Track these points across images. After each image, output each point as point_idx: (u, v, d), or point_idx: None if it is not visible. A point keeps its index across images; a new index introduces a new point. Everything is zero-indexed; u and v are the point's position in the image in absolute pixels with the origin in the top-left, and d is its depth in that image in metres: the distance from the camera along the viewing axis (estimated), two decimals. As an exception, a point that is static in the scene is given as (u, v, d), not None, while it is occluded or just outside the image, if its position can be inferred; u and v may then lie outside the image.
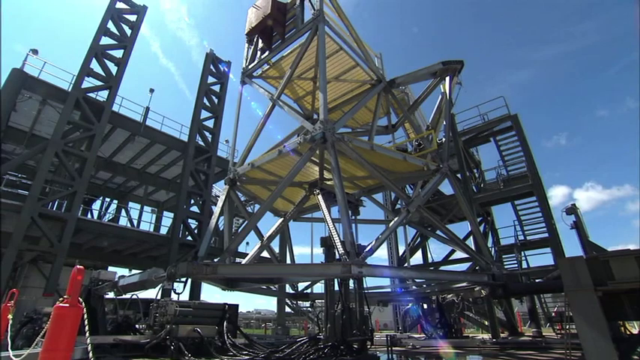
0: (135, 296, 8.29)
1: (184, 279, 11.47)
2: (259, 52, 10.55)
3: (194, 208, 17.34)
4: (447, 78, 10.06)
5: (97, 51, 14.53)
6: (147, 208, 22.00)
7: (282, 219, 10.41)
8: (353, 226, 8.16)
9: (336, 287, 7.10)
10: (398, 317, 20.04)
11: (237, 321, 7.75)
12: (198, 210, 17.17)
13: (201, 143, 17.72)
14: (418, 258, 16.54)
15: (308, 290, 11.40)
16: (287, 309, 21.85)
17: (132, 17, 16.37)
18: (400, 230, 15.86)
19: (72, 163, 13.32)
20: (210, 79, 19.17)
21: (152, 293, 15.76)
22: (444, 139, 9.91)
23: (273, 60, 10.33)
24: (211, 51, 19.52)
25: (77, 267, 3.70)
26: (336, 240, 6.77)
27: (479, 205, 13.38)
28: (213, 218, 8.79)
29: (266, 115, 9.33)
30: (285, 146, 8.14)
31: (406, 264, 15.18)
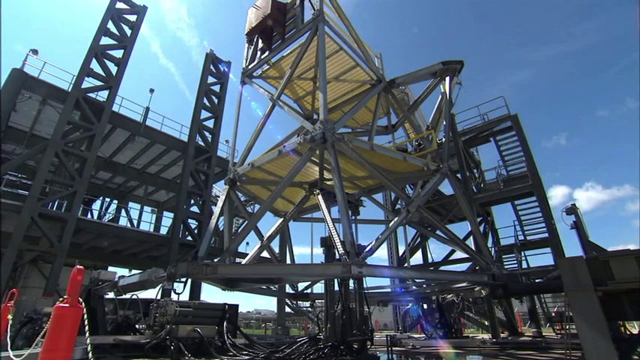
0: (135, 296, 8.29)
1: (184, 279, 11.48)
2: (259, 52, 10.55)
3: (194, 208, 17.35)
4: (447, 78, 10.06)
5: (97, 51, 14.54)
6: (147, 208, 22.02)
7: (282, 219, 10.41)
8: (353, 226, 8.16)
9: (336, 287, 7.10)
10: (398, 317, 20.04)
11: (237, 321, 7.76)
12: (198, 210, 17.17)
13: (201, 143, 17.72)
14: (418, 258, 16.59)
15: (308, 290, 11.41)
16: (287, 309, 21.84)
17: (132, 17, 16.38)
18: (400, 230, 15.88)
19: (72, 163, 13.32)
20: (210, 79, 19.17)
21: (152, 293, 15.73)
22: (444, 139, 9.90)
23: (273, 60, 10.33)
24: (211, 51, 19.53)
25: (77, 267, 3.70)
26: (336, 240, 6.77)
27: (479, 205, 13.38)
28: (213, 218, 8.79)
29: (266, 115, 9.34)
30: (285, 146, 8.14)
31: (406, 264, 15.18)
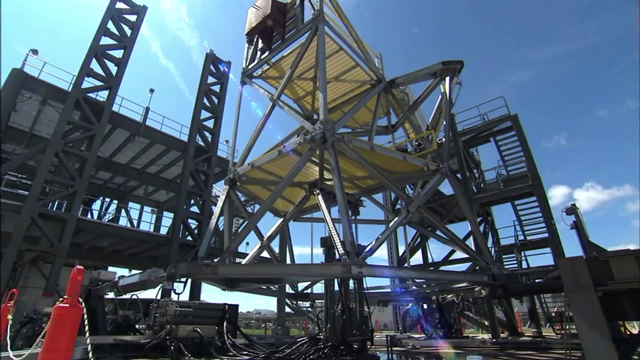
0: (135, 296, 8.29)
1: (184, 279, 11.49)
2: (259, 53, 10.55)
3: (194, 208, 17.34)
4: (447, 78, 10.06)
5: (97, 51, 14.54)
6: (147, 208, 22.01)
7: (282, 219, 10.41)
8: (353, 226, 8.15)
9: (336, 287, 7.10)
10: (398, 317, 20.04)
11: (237, 321, 7.76)
12: (198, 210, 17.17)
13: (201, 143, 17.72)
14: (418, 258, 16.58)
15: (308, 290, 11.41)
16: (287, 309, 21.84)
17: (132, 17, 16.38)
18: (400, 230, 15.89)
19: (72, 163, 13.32)
20: (210, 79, 19.17)
21: (152, 293, 15.73)
22: (444, 139, 9.90)
23: (273, 60, 10.33)
24: (211, 51, 19.52)
25: (77, 267, 3.69)
26: (336, 240, 6.76)
27: (479, 205, 13.38)
28: (213, 218, 8.79)
29: (266, 115, 9.34)
30: (285, 146, 8.14)
31: (406, 264, 15.19)
